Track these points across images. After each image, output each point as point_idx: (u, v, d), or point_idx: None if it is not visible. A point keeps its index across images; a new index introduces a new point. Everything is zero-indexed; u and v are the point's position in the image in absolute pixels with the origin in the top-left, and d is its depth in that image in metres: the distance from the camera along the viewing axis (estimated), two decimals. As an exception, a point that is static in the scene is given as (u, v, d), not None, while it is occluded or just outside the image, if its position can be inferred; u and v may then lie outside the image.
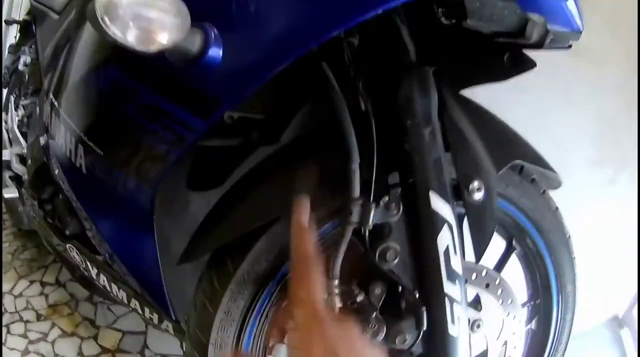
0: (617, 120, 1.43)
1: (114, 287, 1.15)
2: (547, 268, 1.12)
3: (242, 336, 0.92)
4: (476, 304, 1.00)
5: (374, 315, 0.83)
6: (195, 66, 0.73)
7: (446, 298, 0.83)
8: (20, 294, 1.91)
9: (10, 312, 1.82)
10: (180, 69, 0.75)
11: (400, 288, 0.86)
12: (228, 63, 0.73)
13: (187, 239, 0.96)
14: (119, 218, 1.01)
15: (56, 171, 1.14)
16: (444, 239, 0.82)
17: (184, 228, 1.03)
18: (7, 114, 1.72)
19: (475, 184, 0.86)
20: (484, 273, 1.00)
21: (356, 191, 0.79)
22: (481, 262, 0.98)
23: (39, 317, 1.79)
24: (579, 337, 1.24)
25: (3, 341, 1.69)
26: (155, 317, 1.11)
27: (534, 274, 1.14)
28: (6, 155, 1.59)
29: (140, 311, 1.13)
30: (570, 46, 0.88)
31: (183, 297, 1.06)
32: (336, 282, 0.80)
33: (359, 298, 0.83)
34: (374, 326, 0.82)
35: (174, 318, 1.05)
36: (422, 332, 0.84)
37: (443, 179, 0.82)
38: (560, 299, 1.16)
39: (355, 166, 0.78)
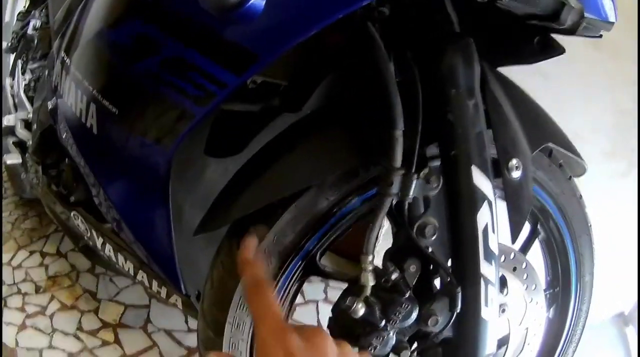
0: (633, 115, 1.41)
1: (120, 258, 1.09)
2: (568, 256, 1.09)
3: None
4: (502, 287, 0.95)
5: (407, 295, 0.78)
6: (233, 16, 0.67)
7: (482, 279, 0.79)
8: (20, 265, 1.84)
9: (9, 285, 1.75)
10: (215, 19, 0.70)
11: (432, 267, 0.81)
12: (269, 15, 0.68)
13: (201, 207, 0.91)
14: (130, 183, 0.96)
15: (64, 134, 1.09)
16: (484, 216, 0.78)
17: (199, 196, 0.98)
18: (13, 79, 1.67)
19: (514, 162, 0.82)
20: (512, 256, 0.96)
21: (398, 160, 0.73)
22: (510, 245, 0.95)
23: (37, 290, 1.73)
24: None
25: (-1, 315, 1.63)
26: (163, 290, 1.06)
27: (554, 261, 1.11)
28: (10, 120, 1.53)
29: (147, 284, 1.08)
30: (601, 36, 0.85)
31: (195, 269, 1.01)
32: (370, 258, 0.76)
33: (394, 276, 0.78)
34: (407, 307, 0.77)
35: (184, 292, 0.99)
36: (455, 314, 0.79)
37: (485, 155, 0.78)
38: (578, 289, 1.13)
39: (399, 134, 0.73)
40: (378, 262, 0.80)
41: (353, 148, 0.79)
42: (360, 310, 0.76)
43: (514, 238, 0.87)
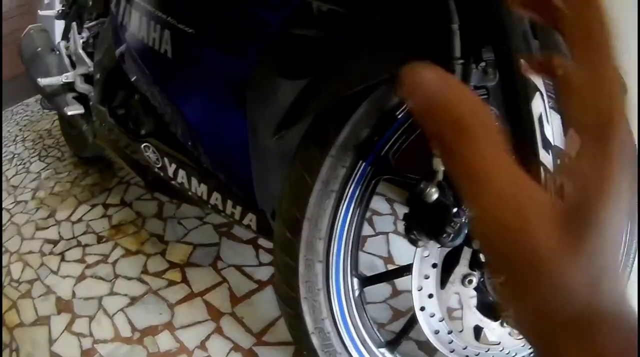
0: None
1: (194, 182, 1.16)
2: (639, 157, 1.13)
3: (340, 208, 0.92)
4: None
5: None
6: None
7: (541, 167, 0.83)
8: (80, 220, 1.91)
9: (67, 239, 1.82)
10: None
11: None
12: None
13: (274, 125, 0.96)
14: (208, 98, 1.02)
15: (133, 70, 1.16)
16: (538, 106, 0.82)
17: (272, 115, 1.03)
18: (68, 41, 1.76)
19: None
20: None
21: (457, 51, 0.79)
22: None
23: (99, 240, 1.79)
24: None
25: (56, 269, 1.70)
26: (237, 210, 1.12)
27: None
28: (69, 77, 1.61)
29: (220, 207, 1.14)
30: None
31: (268, 189, 1.07)
32: None
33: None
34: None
35: (259, 207, 1.06)
36: None
37: (531, 50, 0.81)
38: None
39: (456, 27, 0.78)
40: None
41: (417, 47, 0.84)
42: (434, 194, 0.81)
43: (565, 131, 0.91)
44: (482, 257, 0.93)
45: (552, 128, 0.85)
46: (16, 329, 1.49)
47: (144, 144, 1.22)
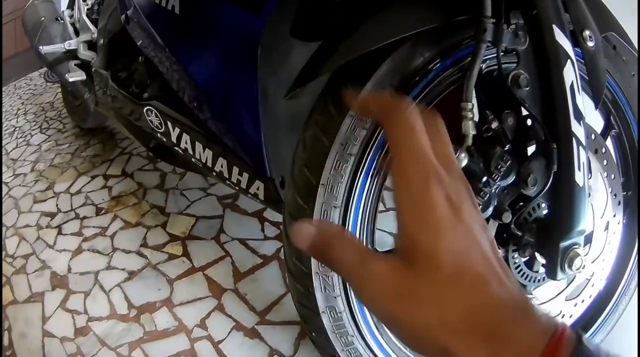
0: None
1: (198, 148, 1.10)
2: (638, 154, 1.09)
3: (359, 173, 0.84)
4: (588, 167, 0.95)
5: (506, 147, 0.79)
6: None
7: (573, 138, 0.79)
8: (79, 191, 1.86)
9: (65, 212, 1.77)
10: None
11: (527, 121, 0.82)
12: None
13: (285, 89, 0.91)
14: (217, 57, 0.97)
15: (138, 31, 1.11)
16: (569, 74, 0.79)
17: (283, 78, 0.98)
18: (72, 9, 1.73)
19: (588, 32, 0.84)
20: (593, 136, 0.96)
21: (489, 9, 0.75)
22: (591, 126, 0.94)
23: (98, 212, 1.74)
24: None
25: (52, 243, 1.66)
26: (244, 178, 1.06)
27: (626, 161, 1.10)
28: (72, 44, 1.58)
29: (226, 174, 1.08)
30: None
31: (278, 155, 1.01)
32: (470, 106, 0.76)
33: (494, 125, 0.79)
34: (508, 160, 0.78)
35: (268, 175, 1.00)
36: (552, 173, 0.79)
37: (562, 18, 0.79)
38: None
39: None
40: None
41: (446, 4, 0.80)
42: (464, 160, 0.76)
43: (596, 102, 0.87)
44: (510, 233, 0.88)
45: (582, 98, 0.81)
46: (9, 307, 1.45)
47: (147, 108, 1.16)
